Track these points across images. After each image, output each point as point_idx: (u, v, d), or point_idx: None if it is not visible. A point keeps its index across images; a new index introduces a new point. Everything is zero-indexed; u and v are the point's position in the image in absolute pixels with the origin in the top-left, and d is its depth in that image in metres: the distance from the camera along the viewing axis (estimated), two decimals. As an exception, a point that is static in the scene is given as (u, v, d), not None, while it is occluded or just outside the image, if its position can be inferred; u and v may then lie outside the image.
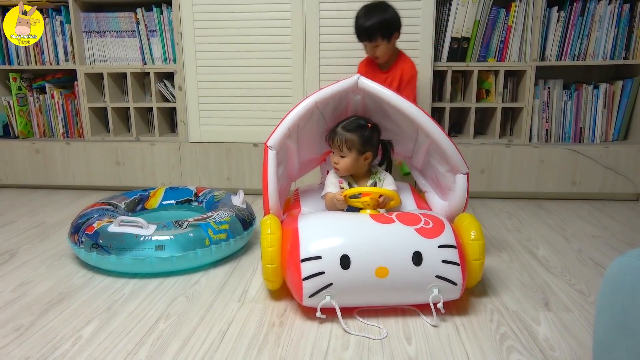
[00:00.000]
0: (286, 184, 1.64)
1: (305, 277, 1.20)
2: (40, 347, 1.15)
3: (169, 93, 2.50)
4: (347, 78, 1.46)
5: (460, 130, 2.52)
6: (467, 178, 1.47)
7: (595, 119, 2.33)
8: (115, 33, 2.47)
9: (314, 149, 1.67)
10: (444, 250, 1.25)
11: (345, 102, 1.54)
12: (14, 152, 2.56)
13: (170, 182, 2.48)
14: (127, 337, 1.20)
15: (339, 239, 1.26)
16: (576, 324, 1.25)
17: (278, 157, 1.44)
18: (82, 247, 1.55)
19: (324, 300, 1.21)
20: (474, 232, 1.33)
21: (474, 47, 2.30)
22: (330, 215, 1.41)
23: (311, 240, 1.26)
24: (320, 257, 1.21)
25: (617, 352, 0.74)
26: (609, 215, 2.13)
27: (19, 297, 1.41)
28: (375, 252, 1.23)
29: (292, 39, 2.27)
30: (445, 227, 1.31)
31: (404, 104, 1.42)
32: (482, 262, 1.32)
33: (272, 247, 1.31)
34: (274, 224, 1.35)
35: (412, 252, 1.23)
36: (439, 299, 1.23)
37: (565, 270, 1.58)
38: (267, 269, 1.31)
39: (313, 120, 1.52)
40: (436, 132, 1.42)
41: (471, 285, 1.36)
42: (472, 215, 1.41)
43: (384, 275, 1.21)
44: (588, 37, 2.26)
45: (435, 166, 1.54)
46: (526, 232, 1.94)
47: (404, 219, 1.31)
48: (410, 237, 1.26)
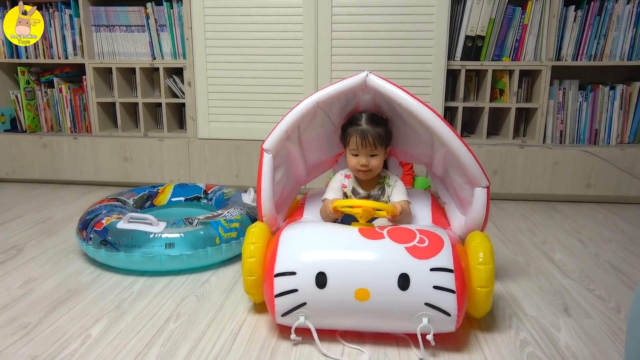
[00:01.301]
0: (291, 189, 1.52)
1: (277, 293, 1.10)
2: (48, 346, 1.13)
3: (178, 89, 2.47)
4: (354, 75, 1.29)
5: (473, 130, 2.48)
6: (488, 192, 1.29)
7: (611, 121, 2.29)
8: (125, 27, 2.45)
9: (323, 150, 1.53)
10: (437, 274, 1.07)
11: (354, 102, 1.39)
12: (21, 147, 2.54)
13: (178, 178, 2.45)
14: (136, 337, 1.17)
15: (317, 253, 1.13)
16: (598, 330, 1.21)
17: (276, 160, 1.32)
18: (90, 243, 1.52)
19: (298, 321, 1.10)
20: (481, 255, 1.14)
21: (488, 46, 2.26)
22: (314, 226, 1.27)
23: (288, 254, 1.14)
24: (294, 273, 1.10)
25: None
26: (624, 218, 2.09)
27: (25, 294, 1.39)
28: (356, 271, 1.08)
29: (303, 35, 2.24)
30: (443, 246, 1.13)
31: (417, 106, 1.24)
32: (489, 291, 1.12)
33: (252, 258, 1.19)
34: (258, 233, 1.23)
35: (399, 273, 1.07)
36: (429, 329, 1.06)
37: (583, 275, 1.54)
38: (247, 280, 1.20)
39: (318, 121, 1.38)
40: (452, 140, 1.24)
41: (478, 315, 1.19)
42: (485, 235, 1.22)
43: (364, 298, 1.07)
44: (605, 37, 2.22)
45: (453, 177, 1.37)
46: (541, 235, 1.90)
47: (395, 235, 1.15)
48: (398, 256, 1.10)
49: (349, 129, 1.36)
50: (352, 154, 1.37)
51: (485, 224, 1.31)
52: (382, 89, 1.27)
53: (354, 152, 1.36)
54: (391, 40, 2.21)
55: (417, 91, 2.20)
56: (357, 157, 1.36)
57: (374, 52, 2.23)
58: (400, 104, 1.26)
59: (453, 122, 2.37)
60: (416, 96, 1.25)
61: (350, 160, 1.38)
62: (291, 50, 2.27)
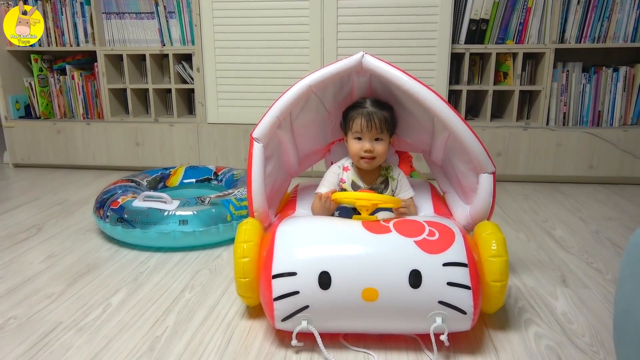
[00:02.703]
0: (282, 181, 1.42)
1: (276, 296, 1.00)
2: (72, 313, 1.20)
3: (187, 75, 2.53)
4: (349, 56, 1.20)
5: (477, 113, 2.52)
6: (494, 178, 1.20)
7: (614, 103, 2.31)
8: (134, 14, 2.50)
9: (316, 139, 1.42)
10: (451, 269, 0.99)
11: (348, 85, 1.29)
12: (36, 133, 2.61)
13: (188, 162, 2.52)
14: (154, 305, 1.24)
15: (319, 251, 1.03)
16: (593, 299, 1.26)
17: (267, 150, 1.22)
18: (107, 221, 1.59)
19: (300, 326, 1.00)
20: (494, 246, 1.07)
21: (492, 29, 2.29)
22: (313, 221, 1.17)
23: (286, 252, 1.04)
24: (294, 274, 1.00)
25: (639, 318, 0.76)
26: (626, 198, 2.13)
27: (48, 267, 1.46)
28: (363, 269, 0.99)
29: (309, 20, 2.28)
30: (455, 239, 1.05)
31: (417, 87, 1.15)
32: (504, 285, 1.05)
33: (245, 257, 1.08)
34: (251, 231, 1.13)
35: (409, 270, 0.99)
36: (443, 329, 0.99)
37: (582, 249, 1.59)
38: (240, 283, 1.10)
39: (310, 107, 1.28)
40: (455, 123, 1.15)
41: (491, 311, 1.12)
42: (495, 224, 1.14)
43: (372, 299, 0.98)
44: (609, 19, 2.24)
45: (456, 164, 1.29)
46: (543, 213, 1.94)
47: (402, 229, 1.07)
48: (408, 251, 1.01)
49: (352, 112, 1.27)
50: (356, 137, 1.27)
51: (491, 213, 1.24)
52: (378, 71, 1.18)
53: (357, 136, 1.26)
54: (396, 25, 2.25)
55: (422, 75, 2.25)
56: (361, 142, 1.25)
57: (380, 36, 2.27)
58: (398, 86, 1.17)
59: (457, 105, 2.41)
60: (416, 78, 1.17)
61: (353, 146, 1.27)
62: (298, 35, 2.31)
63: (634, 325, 0.77)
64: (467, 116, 2.46)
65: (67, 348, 1.06)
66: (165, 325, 1.14)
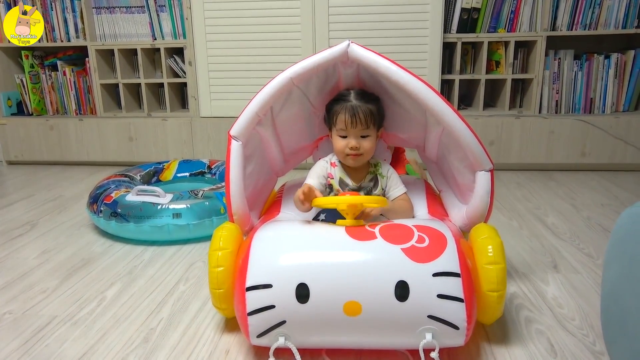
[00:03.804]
0: (266, 180, 1.33)
1: (250, 311, 0.92)
2: (67, 307, 1.21)
3: (179, 68, 2.52)
4: (335, 45, 1.11)
5: (470, 102, 2.52)
6: (492, 176, 1.12)
7: (606, 90, 2.32)
8: (125, 9, 2.48)
9: (301, 135, 1.33)
10: (441, 280, 0.91)
11: (334, 77, 1.20)
12: (29, 130, 2.60)
13: (182, 156, 2.52)
14: (149, 298, 1.25)
15: (296, 260, 0.95)
16: (584, 284, 1.28)
17: (247, 148, 1.14)
18: (101, 216, 1.60)
19: (277, 342, 0.93)
20: (491, 252, 0.97)
21: (484, 18, 2.29)
22: (292, 226, 1.08)
23: (261, 262, 0.96)
24: (270, 286, 0.92)
25: (625, 300, 0.77)
26: (618, 185, 2.14)
27: (42, 263, 1.47)
28: (344, 280, 0.91)
29: (301, 11, 2.27)
30: (446, 245, 0.96)
31: (407, 77, 1.06)
32: (501, 295, 0.96)
33: (220, 267, 1.00)
34: (227, 237, 1.04)
35: (395, 281, 0.90)
36: (434, 345, 0.91)
37: (574, 235, 1.60)
38: (215, 294, 1.02)
39: (294, 101, 1.20)
40: (449, 116, 1.06)
41: (488, 322, 1.04)
42: (492, 227, 1.05)
43: (355, 313, 0.90)
44: (600, 6, 2.24)
45: (451, 161, 1.20)
46: (535, 201, 1.96)
47: (389, 234, 0.98)
48: (394, 260, 0.93)
49: (335, 106, 1.18)
50: (340, 135, 1.17)
51: (489, 213, 1.15)
52: (366, 61, 1.09)
53: (341, 134, 1.17)
54: (388, 15, 2.24)
55: (414, 64, 2.25)
56: (346, 139, 1.16)
57: (371, 27, 2.26)
58: (388, 77, 1.08)
59: (450, 95, 2.41)
60: (407, 68, 1.08)
61: (338, 143, 1.18)
62: (289, 27, 2.30)
63: (619, 306, 0.79)
64: (460, 105, 2.46)
65: (62, 341, 1.07)
66: (160, 317, 1.15)
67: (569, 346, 1.02)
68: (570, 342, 1.04)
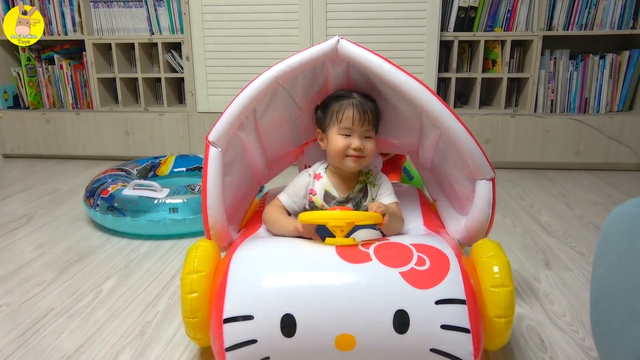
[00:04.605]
0: (247, 190, 1.22)
1: (228, 346, 0.81)
2: (63, 300, 1.21)
3: (176, 64, 2.52)
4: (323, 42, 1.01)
5: (466, 101, 2.54)
6: (493, 185, 1.03)
7: (600, 90, 2.34)
8: (123, 3, 2.48)
9: (286, 140, 1.22)
10: (445, 308, 0.81)
11: (322, 77, 1.10)
12: (25, 123, 2.60)
13: (179, 151, 2.52)
14: (145, 291, 1.26)
15: (282, 287, 0.83)
16: (575, 281, 1.30)
17: (227, 155, 1.03)
18: (97, 210, 1.60)
19: None
20: (498, 273, 0.87)
21: (481, 17, 2.30)
22: (276, 245, 0.96)
23: (241, 289, 0.84)
24: (251, 317, 0.80)
25: (613, 295, 0.79)
26: (611, 184, 2.16)
27: (39, 256, 1.47)
28: (336, 310, 0.80)
29: (299, 8, 2.27)
30: (449, 267, 0.86)
31: (401, 77, 0.97)
32: (509, 321, 0.86)
33: (194, 293, 0.87)
34: (202, 257, 0.91)
35: (394, 311, 0.80)
36: None
37: (567, 234, 1.62)
38: (189, 323, 0.88)
39: (278, 103, 1.09)
40: (447, 119, 0.97)
41: (494, 348, 0.93)
42: (497, 244, 0.95)
43: (348, 347, 0.80)
44: (596, 6, 2.25)
45: (449, 168, 1.11)
46: (529, 199, 1.97)
47: (385, 255, 0.87)
48: (392, 286, 0.82)
49: (337, 103, 1.07)
50: (343, 134, 1.06)
51: (490, 226, 1.06)
52: (358, 58, 0.99)
53: (345, 132, 1.06)
54: (385, 12, 2.25)
55: (411, 62, 2.26)
56: (348, 139, 1.05)
57: (369, 24, 2.27)
58: (381, 77, 0.98)
59: (447, 93, 2.43)
60: (402, 67, 0.99)
61: (338, 143, 1.06)
62: (287, 23, 2.30)
63: (607, 302, 0.80)
64: (456, 104, 2.48)
65: (59, 333, 1.07)
66: (156, 311, 1.16)
67: (559, 342, 1.04)
68: (561, 337, 1.05)
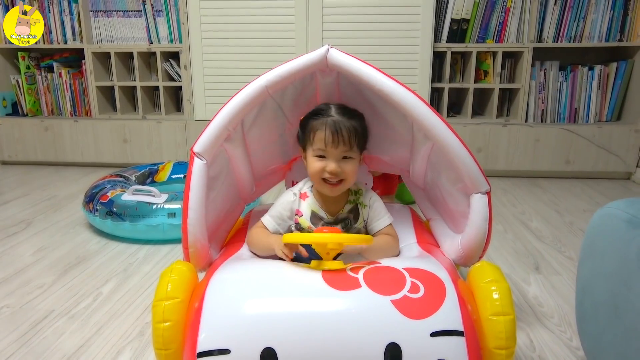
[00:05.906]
0: (232, 207, 1.16)
1: None
2: (63, 302, 1.24)
3: (174, 72, 2.56)
4: (314, 51, 0.98)
5: (459, 110, 2.59)
6: (489, 199, 0.96)
7: (589, 100, 2.40)
8: (122, 13, 2.52)
9: (274, 155, 1.17)
10: (442, 340, 0.75)
11: (311, 87, 1.06)
12: (24, 130, 2.62)
13: (176, 159, 2.55)
14: (144, 293, 1.28)
15: (261, 318, 0.76)
16: (564, 285, 1.33)
17: (212, 169, 0.97)
18: (96, 214, 1.63)
19: None
20: (497, 299, 0.80)
21: (473, 29, 2.36)
22: (257, 269, 0.88)
23: (217, 319, 0.77)
24: (227, 351, 0.74)
25: (596, 294, 0.83)
26: (601, 192, 2.21)
27: (38, 260, 1.49)
28: (320, 344, 0.74)
29: (295, 18, 2.33)
30: (445, 294, 0.80)
31: (392, 86, 0.92)
32: (511, 352, 0.79)
33: (166, 322, 0.79)
34: (176, 282, 0.83)
35: (385, 344, 0.73)
36: None
37: (556, 239, 1.66)
38: (160, 355, 0.80)
39: (267, 114, 1.04)
40: (440, 129, 0.92)
41: None
42: (496, 268, 0.87)
43: None
44: (584, 19, 2.32)
45: (442, 183, 1.05)
46: (520, 206, 2.02)
47: (375, 282, 0.80)
48: (383, 316, 0.76)
49: (312, 121, 1.00)
50: (317, 155, 0.99)
51: (487, 243, 0.99)
52: (347, 68, 0.95)
53: (319, 154, 0.98)
54: (379, 24, 2.31)
55: (405, 73, 2.31)
56: (324, 161, 0.98)
57: (364, 35, 2.33)
58: (371, 86, 0.94)
59: (440, 103, 2.48)
60: (394, 77, 0.95)
61: (313, 165, 0.99)
62: (284, 33, 2.35)
63: (591, 300, 0.84)
64: (449, 113, 2.53)
65: (59, 334, 1.10)
66: (155, 312, 1.18)
67: (548, 342, 1.07)
68: (549, 338, 1.09)
